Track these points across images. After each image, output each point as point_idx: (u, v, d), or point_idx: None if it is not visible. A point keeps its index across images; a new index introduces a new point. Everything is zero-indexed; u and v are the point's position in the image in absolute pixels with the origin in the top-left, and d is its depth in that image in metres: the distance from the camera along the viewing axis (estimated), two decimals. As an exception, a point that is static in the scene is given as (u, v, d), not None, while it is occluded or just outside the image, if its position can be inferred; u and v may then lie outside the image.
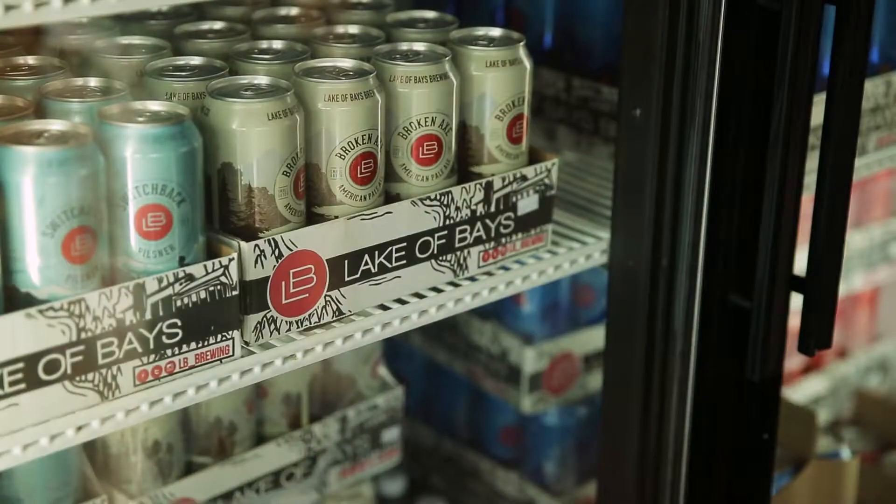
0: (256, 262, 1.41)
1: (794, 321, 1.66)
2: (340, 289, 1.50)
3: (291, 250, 1.44)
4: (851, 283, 2.55)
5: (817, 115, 1.59)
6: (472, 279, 1.62)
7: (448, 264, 1.59)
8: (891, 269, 2.62)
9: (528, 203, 1.64)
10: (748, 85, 1.59)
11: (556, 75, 1.94)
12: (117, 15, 1.57)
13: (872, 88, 1.87)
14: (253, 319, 1.43)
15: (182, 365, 1.38)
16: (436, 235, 1.56)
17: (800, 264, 1.63)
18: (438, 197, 1.55)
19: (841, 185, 1.60)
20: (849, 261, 2.48)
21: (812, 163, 1.61)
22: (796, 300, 1.65)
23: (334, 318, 1.50)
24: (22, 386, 1.27)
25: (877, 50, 1.94)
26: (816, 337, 1.64)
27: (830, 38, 1.54)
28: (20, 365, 1.26)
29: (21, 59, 1.47)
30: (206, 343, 1.39)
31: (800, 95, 1.55)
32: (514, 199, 1.62)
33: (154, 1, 1.27)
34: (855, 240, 2.51)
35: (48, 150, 1.25)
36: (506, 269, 1.65)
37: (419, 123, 1.53)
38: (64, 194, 1.25)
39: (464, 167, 1.62)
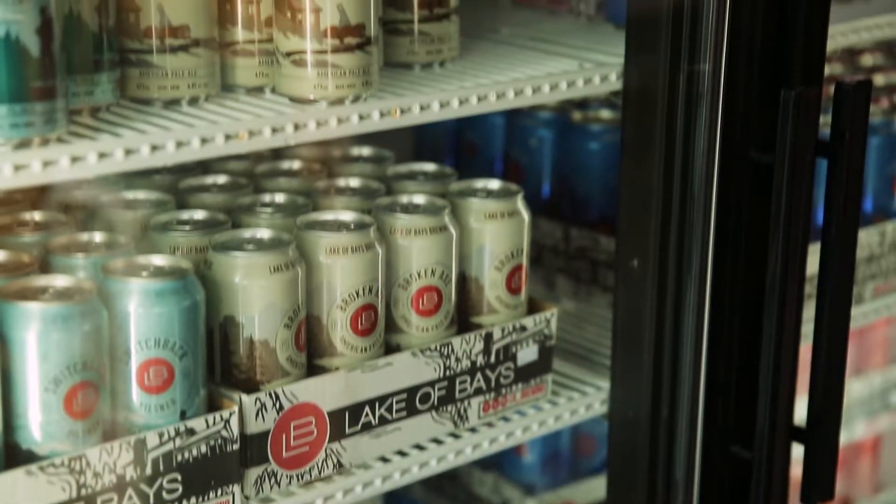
0: (257, 415, 1.41)
1: (797, 470, 1.66)
2: (341, 441, 1.50)
3: (292, 403, 1.44)
4: (853, 431, 2.54)
5: (813, 264, 1.60)
6: (473, 430, 1.62)
7: (449, 415, 1.59)
8: (892, 417, 2.61)
9: (527, 353, 1.64)
10: (743, 236, 1.61)
11: (555, 225, 1.96)
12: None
13: (867, 238, 1.90)
14: (253, 473, 1.43)
15: (182, 520, 1.37)
16: (436, 387, 1.57)
17: (800, 413, 1.63)
18: (439, 348, 1.56)
19: (838, 334, 1.61)
20: (849, 409, 2.47)
21: (809, 312, 1.62)
22: (798, 449, 1.64)
23: (335, 471, 1.50)
24: (21, 543, 1.26)
25: (870, 200, 1.97)
26: (818, 488, 1.63)
27: (823, 188, 1.56)
28: (19, 521, 1.26)
29: (27, 215, 1.49)
30: (206, 498, 1.38)
31: (794, 245, 1.56)
32: (513, 349, 1.63)
33: (159, 159, 1.30)
34: (855, 388, 2.51)
35: (52, 305, 1.26)
36: (506, 419, 1.65)
37: (419, 275, 1.55)
38: (67, 350, 1.26)
39: (463, 317, 1.63)
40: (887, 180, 2.00)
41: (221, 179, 1.65)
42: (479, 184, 1.66)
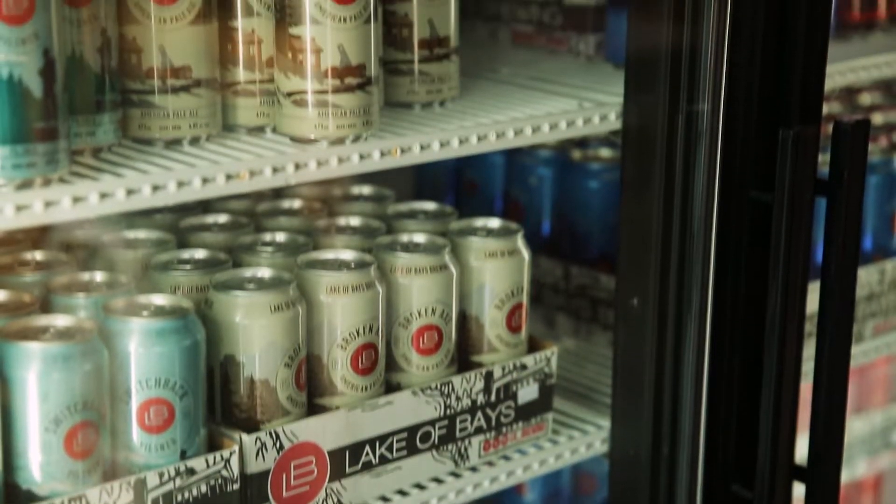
0: (258, 454, 1.41)
1: (798, 509, 1.65)
2: (341, 480, 1.49)
3: (293, 442, 1.44)
4: (854, 470, 2.53)
5: (812, 302, 1.61)
6: (474, 469, 1.62)
7: (449, 454, 1.59)
8: (893, 455, 2.61)
9: (528, 392, 1.64)
10: (743, 274, 1.61)
11: (555, 264, 1.97)
12: (124, 209, 1.60)
13: (866, 276, 1.90)
14: (253, 513, 1.43)
15: (181, 560, 1.37)
16: (437, 425, 1.56)
17: (801, 451, 1.63)
18: (439, 387, 1.56)
19: (839, 373, 1.61)
20: (850, 447, 2.47)
21: (809, 350, 1.62)
22: (799, 488, 1.64)
23: (335, 511, 1.50)
24: (20, 583, 1.26)
25: (869, 238, 1.97)
26: (820, 526, 1.63)
27: (823, 227, 1.57)
28: (19, 562, 1.25)
29: (28, 255, 1.49)
30: (206, 537, 1.38)
31: (794, 284, 1.57)
32: (514, 388, 1.63)
33: (160, 199, 1.30)
34: (856, 426, 2.51)
35: (53, 345, 1.26)
36: (507, 458, 1.64)
37: (420, 314, 1.55)
38: (68, 390, 1.26)
39: (464, 356, 1.63)
40: (887, 219, 2.01)
41: (222, 218, 1.66)
42: (480, 222, 1.67)
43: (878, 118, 2.13)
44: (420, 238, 1.60)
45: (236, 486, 1.39)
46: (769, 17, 1.54)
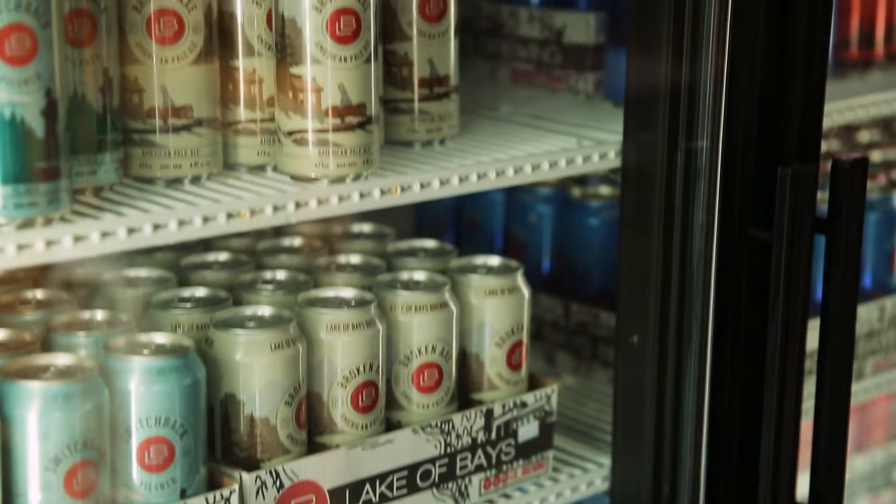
0: (258, 493, 1.41)
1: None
2: (341, 519, 1.49)
3: (293, 481, 1.44)
4: (855, 508, 2.53)
5: (812, 339, 1.61)
6: (474, 507, 1.61)
7: (449, 493, 1.58)
8: (895, 493, 2.60)
9: (528, 430, 1.64)
10: (743, 311, 1.61)
11: (555, 301, 1.97)
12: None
13: (866, 313, 1.90)
14: (253, 551, 1.42)
15: None
16: (437, 464, 1.56)
17: (802, 489, 1.63)
18: (439, 425, 1.56)
19: (839, 410, 1.61)
20: (851, 485, 2.46)
21: (810, 388, 1.62)
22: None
23: (335, 550, 1.50)
24: None
25: (869, 275, 1.98)
26: (822, 565, 1.63)
27: (822, 264, 1.57)
28: None
29: (29, 294, 1.50)
30: (205, 576, 1.38)
31: (794, 321, 1.57)
32: (514, 425, 1.63)
33: (161, 238, 1.31)
34: (857, 464, 2.50)
35: (53, 384, 1.26)
36: (507, 496, 1.64)
37: (420, 352, 1.55)
38: (68, 429, 1.26)
39: (464, 394, 1.63)
40: (886, 256, 2.01)
41: (223, 256, 1.66)
42: (480, 260, 1.67)
43: (876, 155, 2.14)
44: (420, 276, 1.60)
45: (236, 525, 1.39)
46: (767, 55, 1.55)
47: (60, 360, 1.32)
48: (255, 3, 1.44)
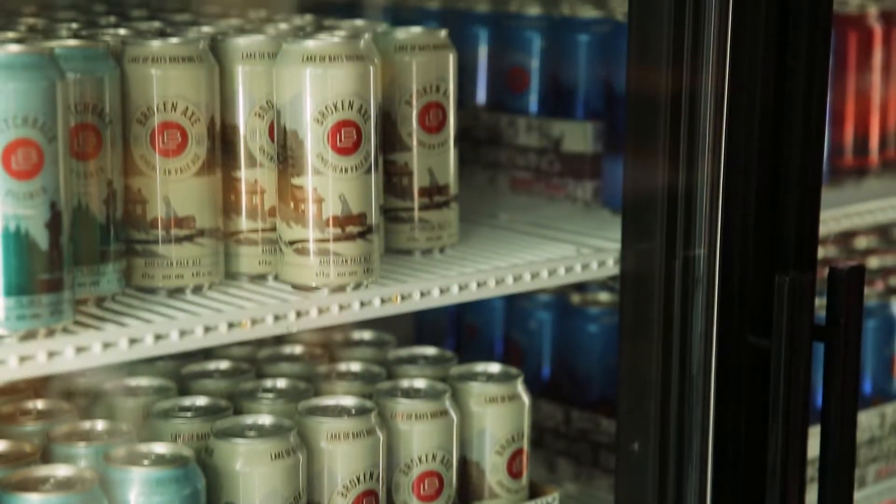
0: None
1: None
2: None
3: (292, 592, 1.43)
4: None
5: (813, 447, 1.60)
6: None
7: None
8: None
9: (529, 539, 1.63)
10: (743, 419, 1.61)
11: (555, 407, 1.97)
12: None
13: (867, 420, 1.90)
14: None
15: None
16: (437, 574, 1.55)
17: None
18: (440, 534, 1.55)
19: (842, 518, 1.60)
20: None
21: (811, 496, 1.62)
22: None
23: None
24: None
25: (869, 382, 1.98)
26: None
27: (822, 370, 1.57)
28: None
29: (30, 404, 1.50)
30: None
31: (794, 429, 1.57)
32: (515, 535, 1.62)
33: (163, 348, 1.31)
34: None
35: (53, 496, 1.26)
36: None
37: (420, 460, 1.55)
38: (67, 541, 1.25)
39: (465, 502, 1.62)
40: (885, 362, 2.01)
41: (224, 365, 1.67)
42: (480, 367, 1.67)
43: (873, 262, 2.15)
44: (420, 384, 1.61)
45: None
46: (762, 164, 1.57)
47: (60, 471, 1.32)
48: (258, 115, 1.46)
